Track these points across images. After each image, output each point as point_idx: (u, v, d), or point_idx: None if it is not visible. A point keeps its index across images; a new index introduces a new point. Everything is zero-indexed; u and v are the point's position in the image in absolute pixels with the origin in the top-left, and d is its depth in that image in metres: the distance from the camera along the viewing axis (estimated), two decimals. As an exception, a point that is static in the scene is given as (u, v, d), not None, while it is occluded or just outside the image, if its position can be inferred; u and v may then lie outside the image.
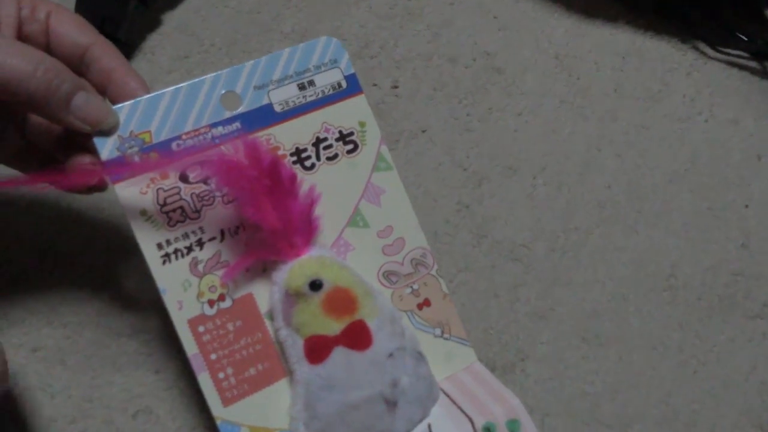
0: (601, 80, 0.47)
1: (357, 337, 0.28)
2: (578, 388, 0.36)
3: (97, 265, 0.37)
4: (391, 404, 0.27)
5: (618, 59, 0.48)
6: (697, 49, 0.49)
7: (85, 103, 0.27)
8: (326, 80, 0.32)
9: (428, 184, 0.42)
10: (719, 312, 0.38)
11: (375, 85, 0.46)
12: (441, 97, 0.46)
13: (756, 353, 0.37)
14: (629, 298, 0.38)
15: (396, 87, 0.46)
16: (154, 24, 0.48)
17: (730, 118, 0.46)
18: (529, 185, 0.42)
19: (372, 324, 0.28)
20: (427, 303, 0.32)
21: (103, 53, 0.30)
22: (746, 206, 0.42)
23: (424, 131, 0.44)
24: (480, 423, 0.28)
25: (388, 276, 0.31)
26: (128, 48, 0.46)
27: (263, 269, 0.29)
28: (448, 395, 0.30)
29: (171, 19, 0.49)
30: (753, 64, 0.49)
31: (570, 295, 0.38)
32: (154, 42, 0.48)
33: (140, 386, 0.34)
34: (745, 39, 0.49)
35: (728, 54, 0.49)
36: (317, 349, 0.27)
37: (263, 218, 0.28)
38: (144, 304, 0.36)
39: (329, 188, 0.31)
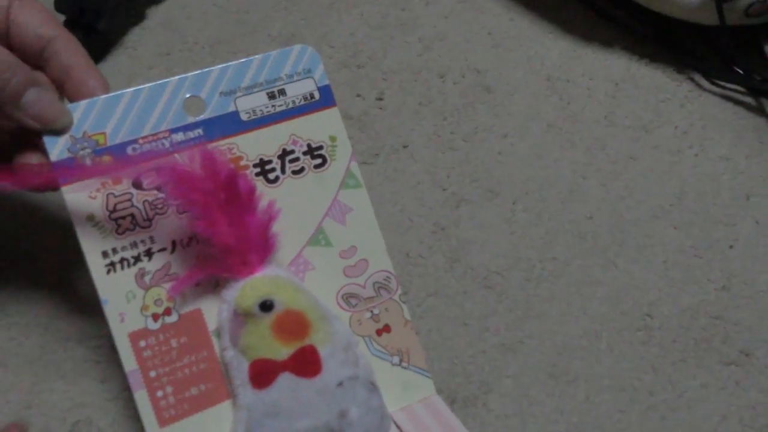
0: (593, 106, 0.46)
1: (305, 363, 0.26)
2: (541, 427, 0.34)
3: (52, 266, 0.36)
4: (338, 436, 0.26)
5: (611, 85, 0.47)
6: (692, 80, 0.48)
7: (36, 100, 0.26)
8: (298, 90, 0.31)
9: (405, 202, 0.41)
10: (694, 356, 0.37)
11: (359, 95, 0.45)
12: (426, 113, 0.45)
13: (728, 402, 0.36)
14: (602, 336, 0.37)
15: (381, 99, 0.45)
16: (137, 18, 0.47)
17: (722, 154, 0.44)
18: (508, 210, 0.41)
19: (323, 350, 0.27)
20: (386, 329, 0.30)
21: (65, 48, 0.29)
22: (731, 246, 0.41)
23: (405, 147, 0.43)
24: None
25: (348, 299, 0.30)
26: (108, 40, 0.45)
27: (215, 284, 0.28)
28: (399, 427, 0.28)
29: (155, 14, 0.48)
30: (748, 99, 0.48)
31: (541, 328, 0.37)
32: (136, 36, 0.47)
33: (83, 395, 0.33)
34: (742, 73, 0.48)
35: (724, 87, 0.48)
36: (263, 374, 0.26)
37: (215, 233, 0.26)
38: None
39: (293, 203, 0.30)
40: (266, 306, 0.26)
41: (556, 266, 0.39)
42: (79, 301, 0.35)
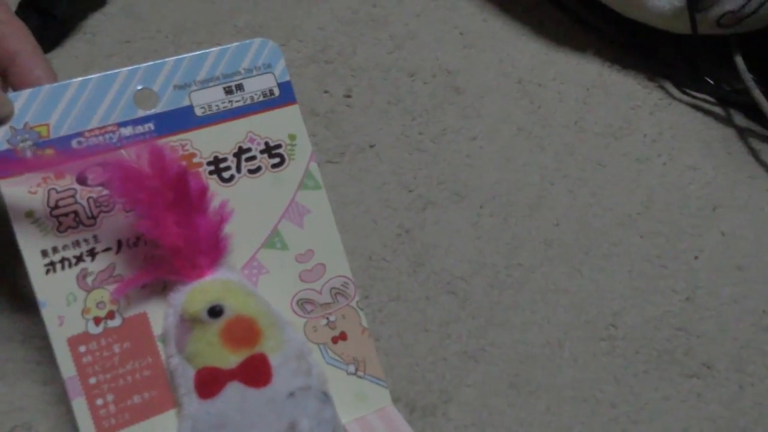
0: (563, 111, 0.45)
1: (255, 372, 0.25)
2: (501, 438, 0.34)
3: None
4: (287, 449, 0.25)
5: (582, 91, 0.47)
6: (663, 88, 0.48)
7: (-26, 88, 0.24)
8: (257, 86, 0.29)
9: (370, 203, 0.40)
10: (657, 368, 0.36)
11: (327, 92, 0.44)
12: (395, 112, 0.44)
13: (689, 415, 0.35)
14: (565, 345, 0.37)
15: (349, 96, 0.44)
16: (98, 3, 0.45)
17: (690, 164, 0.44)
18: (475, 214, 0.40)
19: (274, 359, 0.26)
20: (343, 337, 0.29)
21: (12, 34, 0.27)
22: (696, 257, 0.40)
23: (372, 146, 0.42)
24: None
25: (303, 304, 0.29)
26: (66, 26, 0.43)
27: (162, 287, 0.27)
28: (353, 440, 0.27)
29: (117, 0, 0.46)
30: (718, 110, 0.47)
31: (504, 337, 0.36)
32: (96, 22, 0.45)
33: (24, 398, 0.31)
34: (713, 83, 0.47)
35: (694, 97, 0.48)
36: (209, 383, 0.25)
37: (162, 234, 0.25)
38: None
39: (248, 204, 0.28)
40: (215, 312, 0.25)
41: (521, 273, 0.39)
42: (22, 299, 0.33)
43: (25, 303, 0.34)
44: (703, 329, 0.38)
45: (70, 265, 0.26)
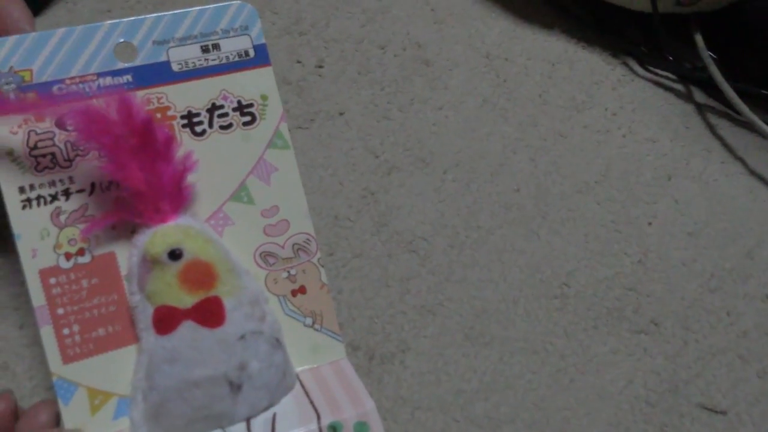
0: (528, 85, 0.47)
1: (208, 313, 0.27)
2: (454, 385, 0.36)
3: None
4: (235, 387, 0.27)
5: (548, 66, 0.48)
6: (626, 65, 0.49)
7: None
8: (233, 46, 0.31)
9: (337, 167, 0.42)
10: (606, 324, 0.38)
11: (299, 62, 0.45)
12: (365, 82, 0.45)
13: (635, 368, 0.37)
14: (519, 301, 0.38)
15: (321, 66, 0.46)
16: (79, -27, 0.47)
17: (648, 136, 0.46)
18: (438, 179, 0.42)
19: (228, 302, 0.27)
20: (302, 290, 0.31)
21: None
22: (649, 223, 0.42)
23: (341, 114, 0.44)
24: (327, 421, 0.27)
25: (266, 257, 0.30)
26: (47, -5, 0.45)
27: (132, 230, 0.28)
28: (303, 387, 0.29)
29: (99, -30, 0.47)
30: (678, 86, 0.49)
31: (461, 292, 0.38)
32: (77, -9, 0.46)
33: (1, 341, 0.33)
34: (673, 61, 0.49)
35: (656, 74, 0.49)
36: (165, 320, 0.26)
37: (125, 178, 0.27)
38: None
39: (218, 158, 0.30)
40: (175, 254, 0.27)
41: (480, 234, 0.40)
42: (2, 247, 0.35)
43: (3, 252, 0.35)
44: (652, 289, 0.40)
45: (45, 203, 0.27)
